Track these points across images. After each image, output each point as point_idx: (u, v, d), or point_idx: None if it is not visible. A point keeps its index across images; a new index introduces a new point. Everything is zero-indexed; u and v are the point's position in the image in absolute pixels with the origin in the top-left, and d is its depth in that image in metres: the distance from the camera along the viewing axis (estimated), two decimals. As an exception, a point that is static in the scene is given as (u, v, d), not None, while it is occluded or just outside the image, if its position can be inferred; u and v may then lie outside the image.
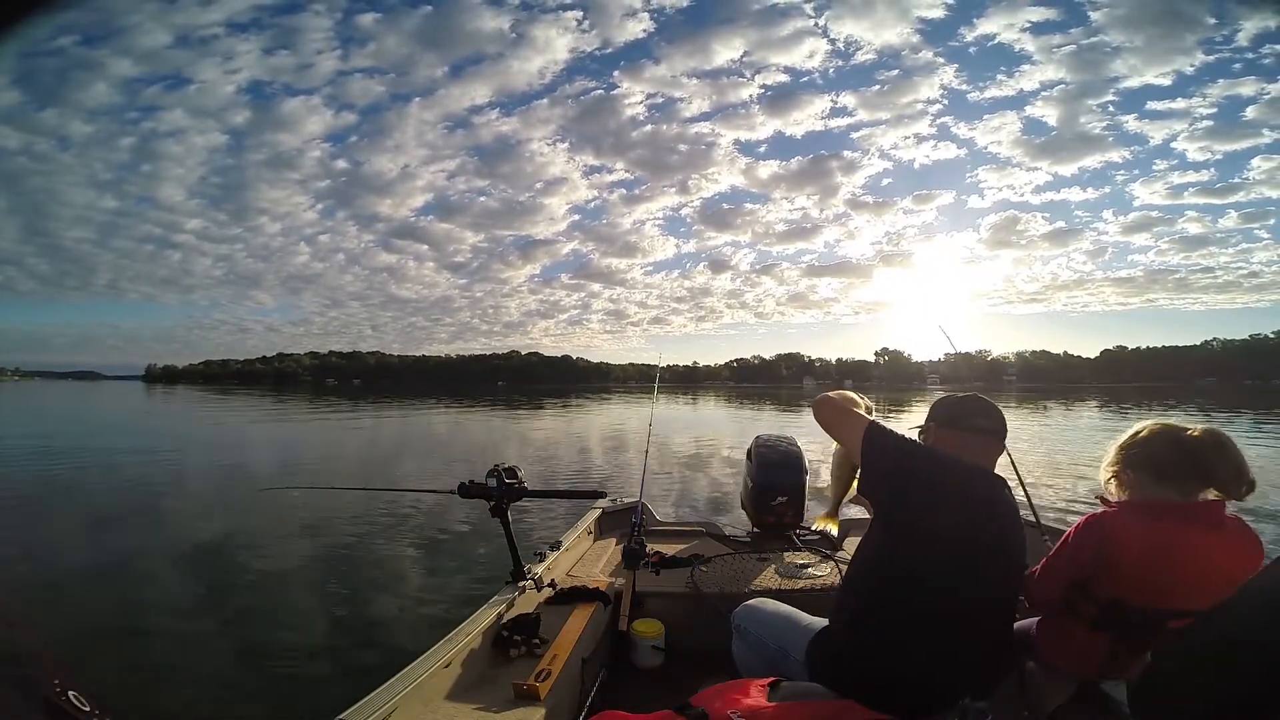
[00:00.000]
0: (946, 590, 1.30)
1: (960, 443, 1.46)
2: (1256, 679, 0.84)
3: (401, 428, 22.34)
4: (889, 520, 1.43)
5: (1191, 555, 1.32)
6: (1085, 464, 10.57)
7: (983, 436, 1.47)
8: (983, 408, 1.50)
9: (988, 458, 1.46)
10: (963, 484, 1.38)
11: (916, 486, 1.39)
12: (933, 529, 1.33)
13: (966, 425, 1.48)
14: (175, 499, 8.51)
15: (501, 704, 1.55)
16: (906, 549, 1.37)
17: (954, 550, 1.31)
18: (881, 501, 1.46)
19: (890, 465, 1.43)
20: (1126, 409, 31.29)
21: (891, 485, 1.43)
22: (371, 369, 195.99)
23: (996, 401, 1.52)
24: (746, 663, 1.69)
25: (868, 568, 1.45)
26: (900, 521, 1.40)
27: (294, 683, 3.31)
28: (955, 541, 1.31)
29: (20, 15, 0.72)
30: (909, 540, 1.37)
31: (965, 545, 1.32)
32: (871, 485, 1.49)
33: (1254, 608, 0.95)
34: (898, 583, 1.35)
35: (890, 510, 1.43)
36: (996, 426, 1.48)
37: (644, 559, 2.34)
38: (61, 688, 0.73)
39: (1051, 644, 1.55)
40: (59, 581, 4.80)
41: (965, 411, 1.50)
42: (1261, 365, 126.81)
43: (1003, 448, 1.50)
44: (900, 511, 1.40)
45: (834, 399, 1.62)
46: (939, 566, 1.31)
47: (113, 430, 20.23)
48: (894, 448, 1.45)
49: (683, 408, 35.41)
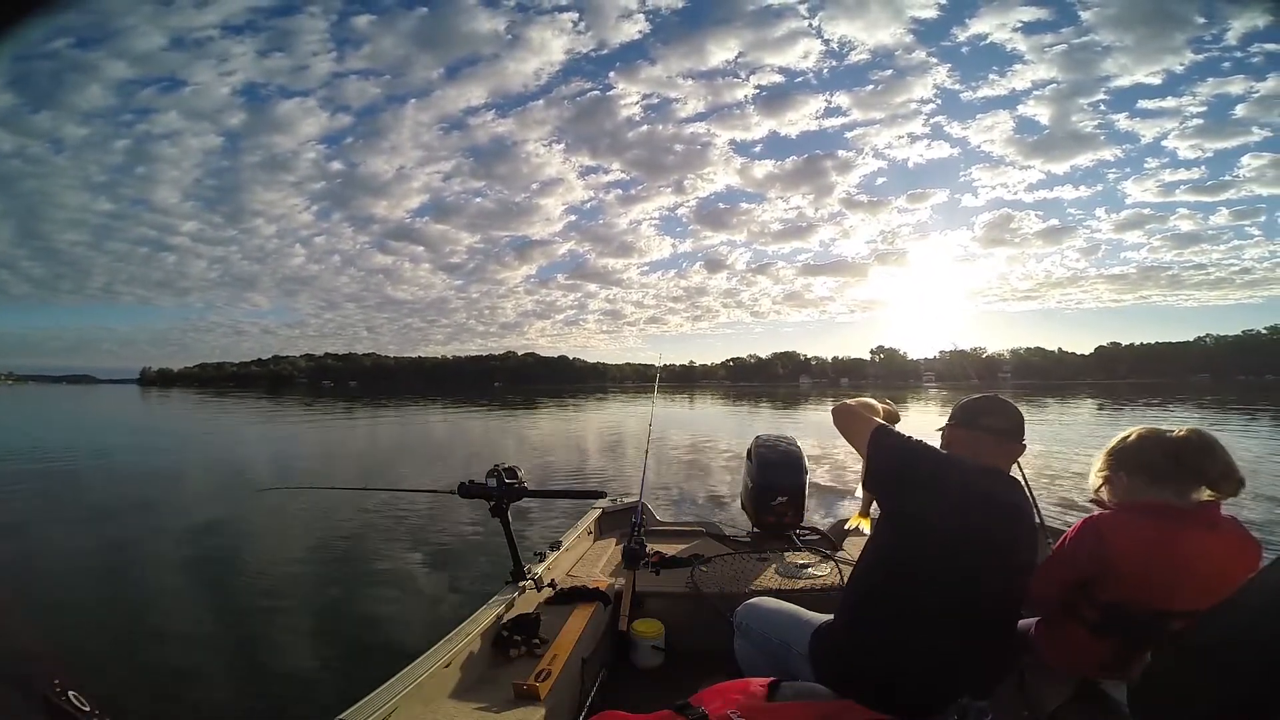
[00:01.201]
0: (946, 588, 1.31)
1: (973, 441, 1.49)
2: (1257, 678, 0.84)
3: (400, 429, 22.26)
4: (891, 518, 1.48)
5: (1189, 556, 1.32)
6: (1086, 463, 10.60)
7: (994, 436, 1.48)
8: (995, 407, 1.52)
9: (1002, 457, 1.47)
10: (963, 483, 1.39)
11: (916, 485, 1.42)
12: (931, 527, 1.35)
13: (978, 425, 1.50)
14: (175, 500, 8.49)
15: (501, 704, 1.55)
16: (906, 546, 1.39)
17: (953, 548, 1.32)
18: (883, 499, 1.52)
19: (892, 465, 1.48)
20: (1122, 405, 31.46)
21: (892, 484, 1.49)
22: (367, 371, 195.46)
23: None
24: (749, 660, 1.70)
25: (870, 565, 1.47)
26: (900, 519, 1.43)
27: (294, 683, 3.31)
28: (954, 539, 1.32)
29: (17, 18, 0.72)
30: (908, 537, 1.39)
31: (964, 543, 1.32)
32: (874, 483, 1.57)
33: (1254, 607, 0.95)
34: (898, 579, 1.37)
35: (891, 508, 1.49)
36: (1008, 426, 1.49)
37: (644, 559, 2.33)
38: (61, 688, 0.73)
39: (1051, 645, 1.55)
40: (59, 582, 4.79)
41: (978, 411, 1.52)
42: (1254, 361, 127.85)
43: (1019, 448, 1.50)
44: (900, 509, 1.45)
45: (851, 405, 1.67)
46: (938, 564, 1.32)
47: (111, 434, 20.10)
48: (897, 448, 1.49)
49: (680, 407, 35.40)
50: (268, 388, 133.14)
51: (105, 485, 9.54)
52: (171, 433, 20.78)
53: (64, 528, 6.80)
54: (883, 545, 1.45)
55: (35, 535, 6.49)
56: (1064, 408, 29.92)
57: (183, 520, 7.05)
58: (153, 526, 6.86)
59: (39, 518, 7.33)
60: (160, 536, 6.38)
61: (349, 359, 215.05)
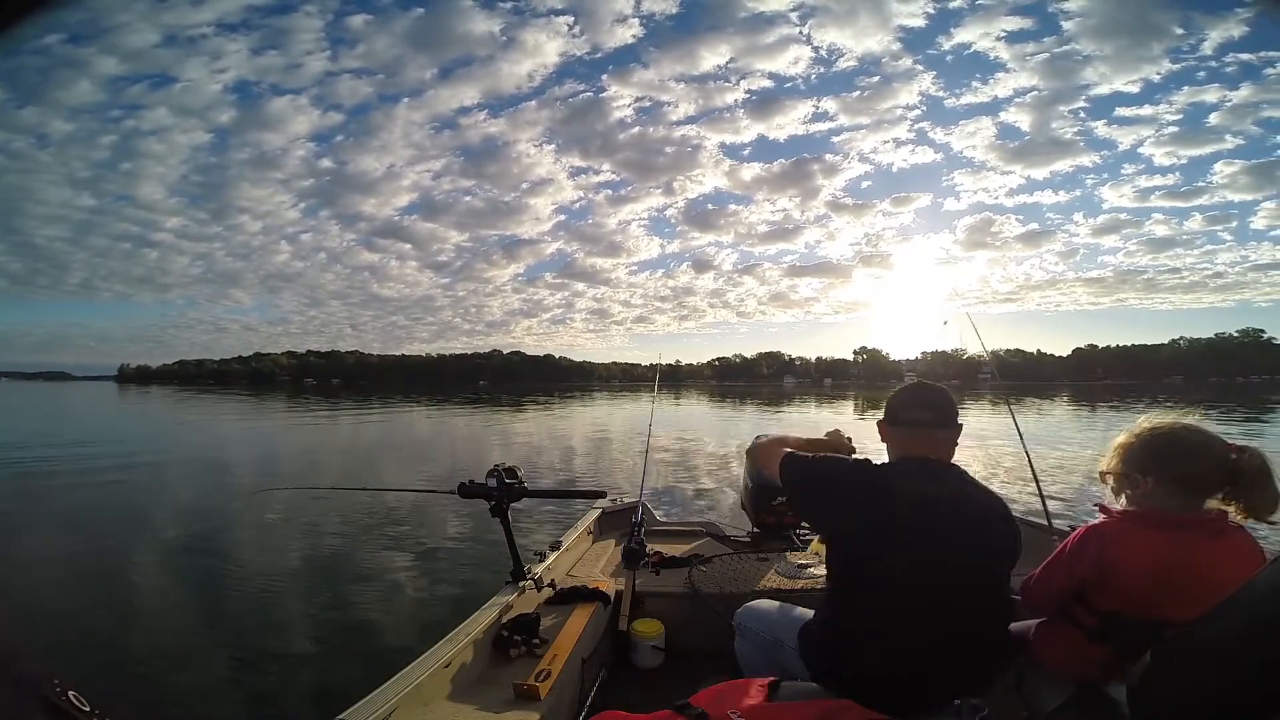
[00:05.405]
0: (908, 587, 1.29)
1: (903, 436, 1.48)
2: (1257, 678, 0.84)
3: (387, 428, 22.12)
4: (828, 535, 1.54)
5: (1193, 567, 1.27)
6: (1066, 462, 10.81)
7: (919, 429, 1.46)
8: (915, 400, 1.49)
9: (936, 446, 1.45)
10: (884, 485, 1.39)
11: (828, 499, 1.46)
12: (868, 535, 1.35)
13: (900, 420, 1.48)
14: (174, 500, 8.41)
15: (501, 704, 1.54)
16: (853, 556, 1.39)
17: (900, 547, 1.31)
18: (811, 522, 1.65)
19: (802, 484, 1.53)
20: (1096, 406, 32.07)
21: (807, 502, 1.58)
22: (350, 368, 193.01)
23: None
24: (748, 660, 1.70)
25: (832, 569, 1.49)
26: (836, 534, 1.47)
27: (294, 683, 3.29)
28: (898, 541, 1.32)
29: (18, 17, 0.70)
30: (852, 548, 1.40)
31: (912, 541, 1.31)
32: (793, 506, 1.73)
33: (1254, 607, 0.94)
34: (861, 581, 1.38)
35: (815, 524, 1.56)
36: (932, 415, 1.46)
37: (644, 559, 2.33)
38: (61, 688, 0.71)
39: (1050, 648, 1.53)
40: (58, 582, 4.75)
41: (899, 406, 1.50)
42: (1226, 364, 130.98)
43: (952, 432, 1.47)
44: (829, 526, 1.51)
45: (762, 443, 1.72)
46: (891, 564, 1.31)
47: (96, 431, 19.78)
48: (805, 470, 1.51)
49: (669, 407, 35.49)
50: (249, 385, 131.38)
51: (105, 486, 9.39)
52: (161, 433, 20.43)
53: (63, 528, 6.70)
54: (836, 555, 1.47)
55: (33, 536, 6.38)
56: (1040, 411, 30.41)
57: (182, 521, 6.98)
58: (152, 527, 6.78)
59: (35, 520, 7.21)
60: (160, 537, 6.32)
61: (332, 356, 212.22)
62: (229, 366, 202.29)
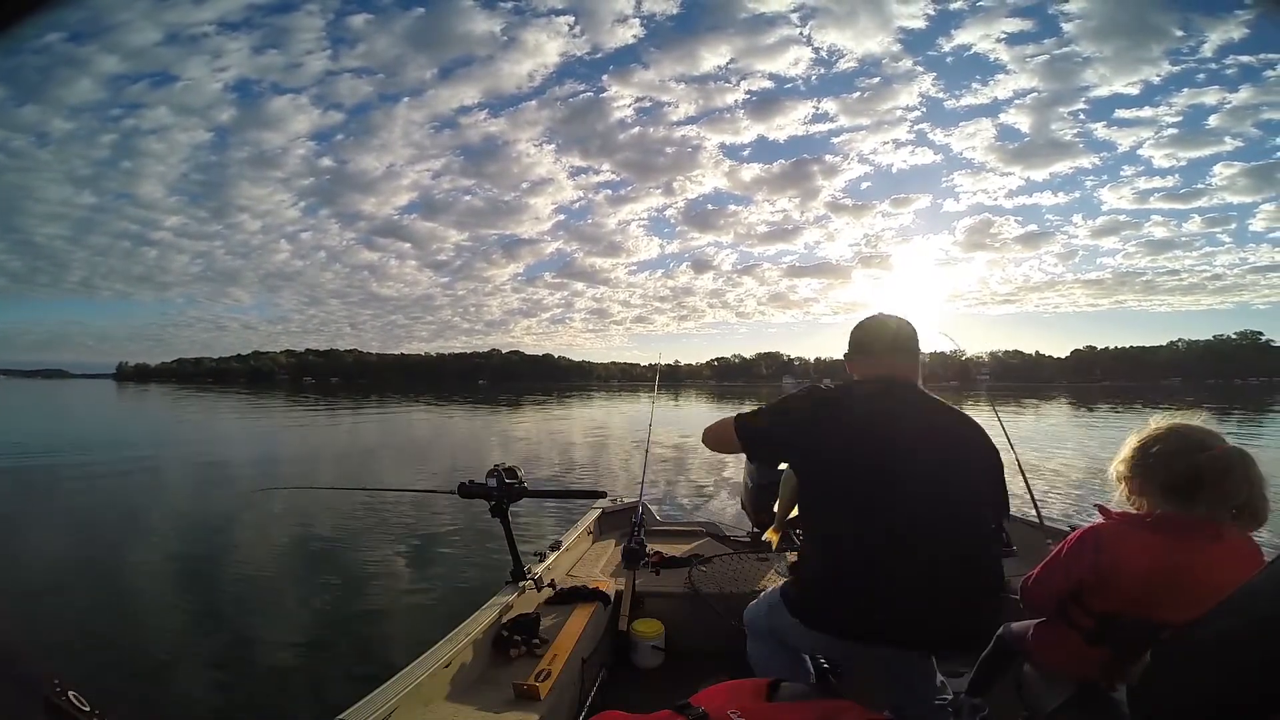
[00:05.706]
0: (877, 509, 1.30)
1: (862, 364, 1.54)
2: (1257, 679, 0.84)
3: (386, 427, 22.08)
4: (797, 469, 1.53)
5: (1190, 569, 1.27)
6: (1063, 464, 10.82)
7: (878, 356, 1.51)
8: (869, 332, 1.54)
9: (900, 373, 1.48)
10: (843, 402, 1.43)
11: (797, 430, 1.45)
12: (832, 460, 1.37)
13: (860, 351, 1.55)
14: (173, 500, 8.39)
15: (501, 704, 1.54)
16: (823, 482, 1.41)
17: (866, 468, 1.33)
18: (781, 457, 1.58)
19: (764, 429, 1.50)
20: (1095, 409, 32.06)
21: (773, 444, 1.54)
22: (349, 367, 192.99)
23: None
24: (756, 660, 1.68)
25: (803, 504, 1.50)
26: (803, 464, 1.48)
27: (294, 683, 3.28)
28: (864, 462, 1.33)
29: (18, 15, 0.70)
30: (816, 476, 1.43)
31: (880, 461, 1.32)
32: (761, 455, 1.66)
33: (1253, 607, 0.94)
34: (824, 514, 1.41)
35: (791, 460, 1.54)
36: (890, 344, 1.51)
37: (644, 559, 2.33)
38: (61, 688, 0.71)
39: (1048, 649, 1.52)
40: (58, 582, 4.73)
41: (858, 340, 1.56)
42: (1224, 366, 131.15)
43: (911, 357, 1.51)
44: (794, 456, 1.50)
45: (710, 427, 1.70)
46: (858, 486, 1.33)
47: (94, 430, 19.73)
48: (762, 414, 1.51)
49: (669, 407, 35.47)
50: (247, 384, 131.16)
51: (104, 485, 9.34)
52: (161, 431, 20.38)
53: (62, 528, 6.69)
54: (805, 490, 1.48)
55: (33, 536, 6.36)
56: (1040, 410, 30.43)
57: (181, 520, 6.97)
58: (151, 526, 6.77)
59: (34, 519, 7.19)
60: (159, 536, 6.30)
61: (331, 355, 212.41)
62: (228, 365, 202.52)
